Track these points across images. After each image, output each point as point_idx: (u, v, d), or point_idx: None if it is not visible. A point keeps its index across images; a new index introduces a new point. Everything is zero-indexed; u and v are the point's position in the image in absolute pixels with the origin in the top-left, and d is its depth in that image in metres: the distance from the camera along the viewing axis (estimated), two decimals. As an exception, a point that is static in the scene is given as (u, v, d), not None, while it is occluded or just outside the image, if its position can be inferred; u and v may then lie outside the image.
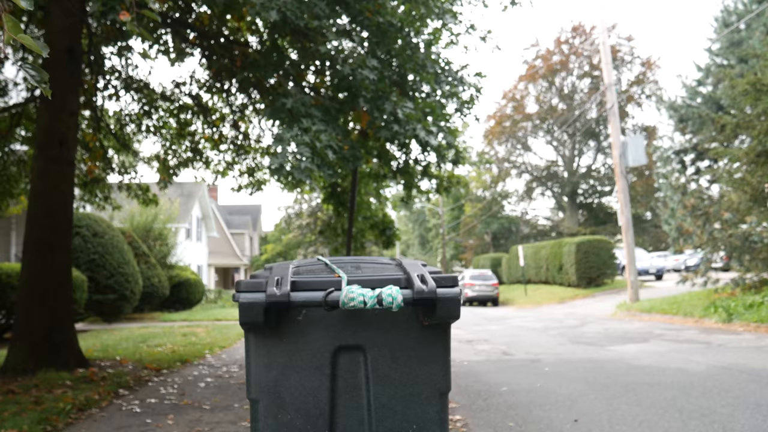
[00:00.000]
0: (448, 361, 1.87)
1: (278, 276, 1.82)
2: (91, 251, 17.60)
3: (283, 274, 1.84)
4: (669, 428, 5.34)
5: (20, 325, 8.33)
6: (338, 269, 1.91)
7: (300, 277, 1.85)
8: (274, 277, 1.82)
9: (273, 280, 1.79)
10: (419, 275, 1.81)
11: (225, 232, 46.21)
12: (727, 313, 14.48)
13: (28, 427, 5.21)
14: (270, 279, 1.80)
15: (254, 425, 1.82)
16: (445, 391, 1.86)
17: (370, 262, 2.06)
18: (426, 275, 1.81)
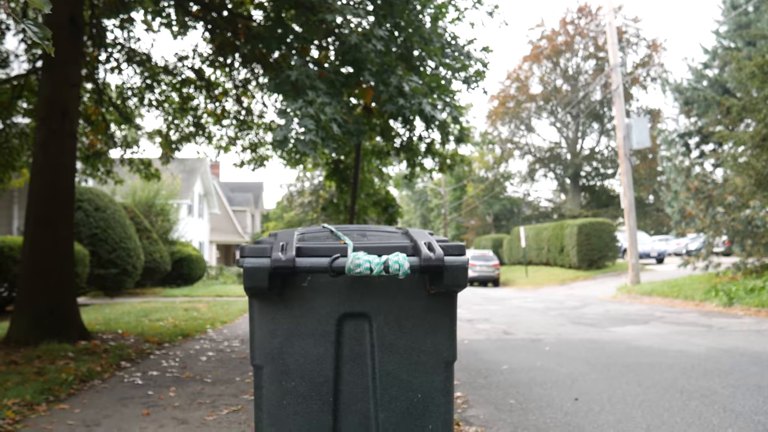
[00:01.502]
0: (454, 330, 1.85)
1: (283, 242, 1.79)
2: (93, 225, 17.59)
3: (288, 240, 1.81)
4: (670, 408, 5.34)
5: (22, 297, 8.34)
6: (344, 236, 1.89)
7: (305, 244, 1.83)
8: (278, 242, 1.79)
9: (278, 246, 1.77)
10: (426, 243, 1.79)
11: (227, 209, 46.22)
12: (728, 297, 14.49)
13: (31, 397, 5.22)
14: (275, 245, 1.77)
15: (258, 392, 1.81)
16: (451, 361, 1.84)
17: (376, 230, 2.03)
18: (433, 243, 1.79)
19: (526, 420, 5.14)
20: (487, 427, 4.95)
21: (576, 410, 5.39)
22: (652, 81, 46.84)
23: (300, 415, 1.79)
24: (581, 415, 5.23)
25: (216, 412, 5.10)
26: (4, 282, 13.11)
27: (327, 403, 1.80)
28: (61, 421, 4.80)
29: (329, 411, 1.80)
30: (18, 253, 11.89)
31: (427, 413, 1.82)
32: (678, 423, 4.87)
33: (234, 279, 31.63)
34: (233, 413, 5.07)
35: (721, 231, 16.96)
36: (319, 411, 1.80)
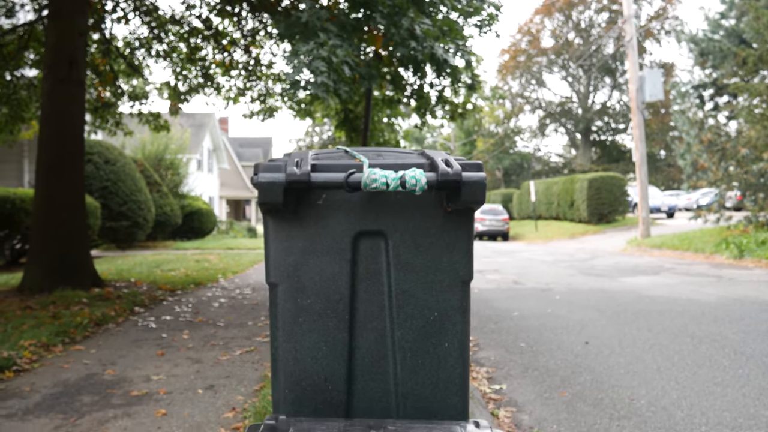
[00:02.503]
0: (471, 249, 1.83)
1: (298, 159, 1.77)
2: (103, 178, 17.63)
3: (302, 157, 1.79)
4: (680, 351, 5.37)
5: (35, 245, 8.40)
6: (359, 155, 1.86)
7: (320, 161, 1.80)
8: (293, 159, 1.77)
9: (293, 162, 1.74)
10: (443, 160, 1.76)
11: (236, 164, 46.20)
12: (738, 249, 14.44)
13: (47, 339, 5.29)
14: (289, 161, 1.75)
15: (273, 310, 1.80)
16: (467, 280, 1.82)
17: (391, 151, 2.00)
18: (450, 159, 1.76)
19: (536, 361, 5.17)
20: (498, 368, 4.99)
21: (586, 353, 5.42)
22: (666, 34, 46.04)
23: (316, 333, 1.79)
24: (591, 357, 5.26)
25: (229, 352, 5.16)
26: (17, 234, 13.19)
27: (343, 321, 1.79)
28: (77, 361, 4.87)
29: (345, 328, 1.79)
30: (30, 205, 11.93)
31: (443, 331, 1.81)
32: (688, 365, 4.89)
33: (244, 233, 31.78)
34: (246, 354, 5.13)
35: (734, 185, 16.81)
36: (335, 328, 1.79)
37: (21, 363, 4.63)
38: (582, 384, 4.45)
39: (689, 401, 3.97)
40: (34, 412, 3.63)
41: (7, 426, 3.40)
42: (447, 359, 1.81)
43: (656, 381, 4.46)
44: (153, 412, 3.63)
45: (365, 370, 1.81)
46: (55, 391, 4.05)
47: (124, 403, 3.79)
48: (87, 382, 4.28)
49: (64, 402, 3.82)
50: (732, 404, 3.89)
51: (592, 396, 4.16)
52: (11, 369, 4.48)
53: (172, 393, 4.01)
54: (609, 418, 3.72)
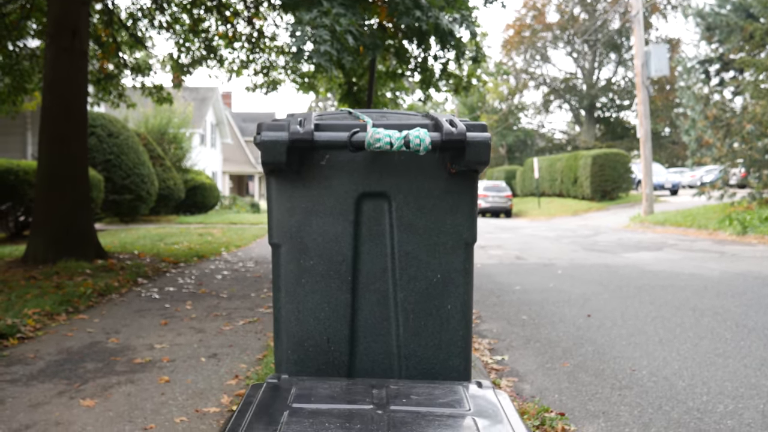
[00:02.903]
0: (474, 212, 1.82)
1: (301, 119, 1.75)
2: (106, 151, 17.61)
3: (306, 117, 1.77)
4: (682, 324, 5.37)
5: (39, 216, 8.40)
6: (363, 116, 1.84)
7: (324, 122, 1.78)
8: (297, 119, 1.75)
9: (296, 121, 1.73)
10: (448, 120, 1.74)
11: (239, 139, 46.08)
12: (742, 225, 14.41)
13: (51, 308, 5.32)
14: (293, 121, 1.73)
15: (276, 270, 1.80)
16: (471, 242, 1.82)
17: (395, 113, 1.98)
18: (455, 119, 1.74)
19: (539, 333, 5.19)
20: (500, 340, 5.01)
21: (588, 325, 5.43)
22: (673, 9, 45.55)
23: (318, 293, 1.79)
24: (593, 329, 5.28)
25: (232, 323, 5.18)
26: (21, 206, 13.20)
27: (346, 282, 1.79)
28: (81, 329, 4.89)
29: (348, 290, 1.79)
30: (33, 177, 11.92)
31: (446, 293, 1.81)
32: (690, 337, 4.90)
33: (247, 209, 31.80)
34: (249, 324, 5.15)
35: (738, 161, 16.73)
36: (338, 289, 1.79)
37: (25, 331, 4.65)
38: (584, 355, 4.47)
39: (691, 371, 3.98)
40: (38, 378, 3.65)
41: (11, 391, 3.43)
42: (449, 321, 1.81)
43: (658, 352, 4.47)
44: (156, 378, 3.65)
45: (367, 332, 1.81)
46: (59, 358, 4.07)
47: (127, 370, 3.81)
48: (91, 349, 4.31)
49: (68, 368, 3.84)
50: (733, 374, 3.90)
51: (594, 366, 4.17)
52: (15, 336, 4.51)
53: (176, 361, 4.03)
54: (610, 387, 3.74)
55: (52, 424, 2.96)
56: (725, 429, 3.07)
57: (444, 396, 1.55)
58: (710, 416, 3.24)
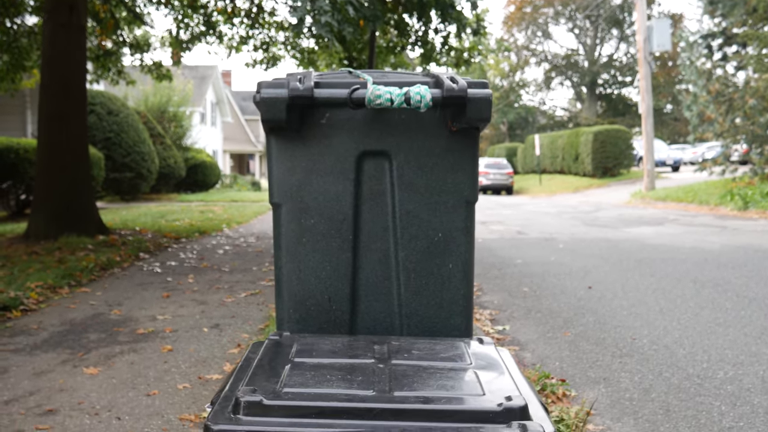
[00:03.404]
0: (476, 170, 1.81)
1: (301, 76, 1.74)
2: (106, 129, 17.56)
3: (306, 75, 1.76)
4: (683, 295, 5.39)
5: (39, 193, 8.40)
6: (363, 74, 1.83)
7: (324, 80, 1.77)
8: (296, 76, 1.74)
9: (296, 78, 1.72)
10: (449, 77, 1.73)
11: (239, 118, 45.94)
12: (743, 200, 14.39)
13: (53, 281, 5.33)
14: (292, 78, 1.72)
15: (277, 230, 1.80)
16: (472, 201, 1.81)
17: (396, 72, 1.97)
18: (456, 77, 1.73)
19: (540, 304, 5.20)
20: (501, 311, 5.03)
21: (589, 296, 5.45)
22: (676, -16, 45.12)
23: (320, 253, 1.79)
24: (594, 300, 5.29)
25: (234, 295, 5.20)
26: (22, 184, 13.19)
27: (347, 241, 1.79)
28: (83, 302, 4.91)
29: (349, 249, 1.79)
30: (33, 155, 11.90)
31: (447, 252, 1.81)
32: (691, 307, 4.92)
33: (248, 187, 31.78)
34: (251, 296, 5.17)
35: (740, 137, 16.67)
36: (339, 249, 1.79)
37: (28, 303, 4.67)
38: (585, 325, 4.48)
39: (691, 340, 4.00)
40: (41, 348, 3.67)
41: (15, 360, 3.45)
42: (451, 280, 1.81)
43: (658, 322, 4.49)
44: (159, 348, 3.67)
45: (369, 291, 1.81)
46: (62, 329, 4.09)
47: (130, 340, 3.83)
48: (93, 321, 4.32)
49: (71, 339, 3.86)
50: (734, 343, 3.92)
51: (595, 336, 4.19)
52: (18, 308, 4.53)
53: (178, 331, 4.05)
54: (611, 355, 3.75)
55: (56, 390, 2.98)
56: (725, 394, 3.09)
57: (445, 351, 1.56)
58: (710, 382, 3.26)
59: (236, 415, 1.24)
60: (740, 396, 3.06)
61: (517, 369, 1.55)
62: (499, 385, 1.37)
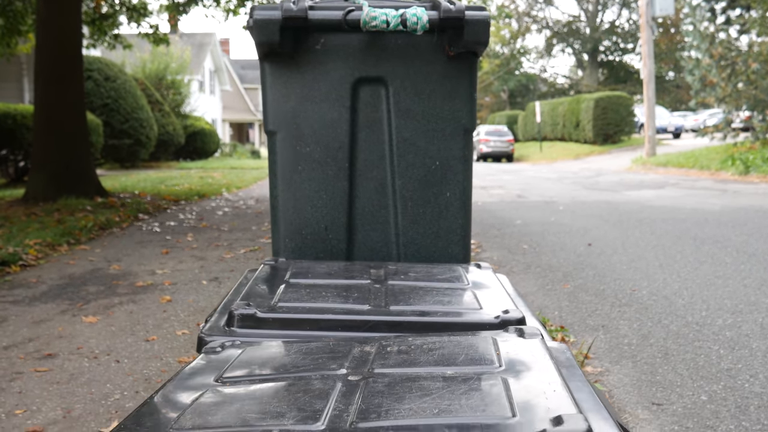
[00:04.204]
0: (473, 97, 1.78)
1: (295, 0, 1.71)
2: (104, 95, 17.44)
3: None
4: (682, 251, 5.38)
5: (37, 155, 8.37)
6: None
7: (319, 4, 1.73)
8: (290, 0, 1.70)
9: (289, 1, 1.68)
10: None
11: (238, 87, 45.61)
12: (744, 165, 14.33)
13: (52, 239, 5.32)
14: (286, 1, 1.69)
15: (272, 158, 1.77)
16: (470, 129, 1.79)
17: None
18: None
19: (539, 260, 5.20)
20: (500, 266, 5.02)
21: (589, 252, 5.44)
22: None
23: (315, 181, 1.77)
24: (594, 256, 5.29)
25: (233, 251, 5.19)
26: (20, 151, 13.12)
27: (343, 169, 1.77)
28: (82, 258, 4.91)
29: (345, 177, 1.77)
30: (31, 121, 11.81)
31: (444, 180, 1.79)
32: (690, 262, 4.91)
33: (248, 155, 31.67)
34: (250, 252, 5.16)
35: (742, 102, 16.53)
36: (335, 177, 1.77)
37: (27, 259, 4.67)
38: (584, 278, 4.48)
39: (690, 291, 4.00)
40: (40, 299, 3.67)
41: (14, 310, 3.45)
42: (448, 209, 1.79)
43: (658, 275, 4.48)
44: (158, 299, 3.67)
45: (366, 220, 1.79)
46: (61, 283, 4.09)
47: (129, 292, 3.83)
48: (92, 275, 4.32)
49: (70, 291, 3.86)
50: (733, 293, 3.92)
51: (594, 287, 4.19)
52: (17, 263, 4.52)
53: (177, 284, 4.05)
54: (610, 305, 3.75)
55: (55, 337, 2.99)
56: (724, 339, 3.09)
57: (442, 273, 1.55)
58: (709, 328, 3.26)
59: (230, 327, 1.23)
60: (738, 341, 3.06)
61: (514, 290, 1.53)
62: (496, 302, 1.35)
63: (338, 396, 0.87)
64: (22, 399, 2.30)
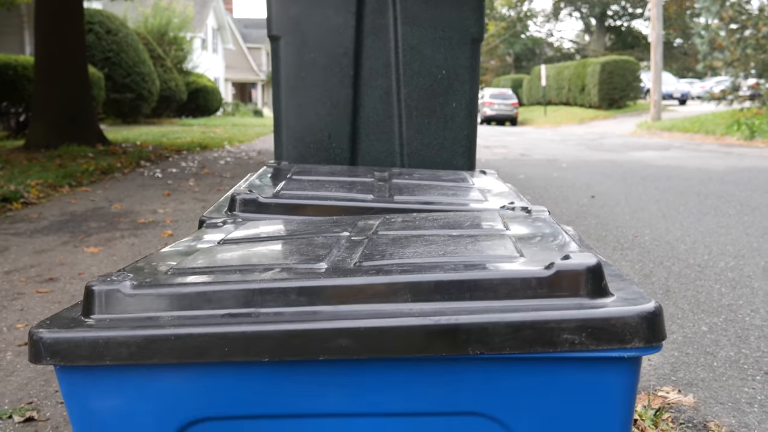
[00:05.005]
0: (482, 5, 1.74)
1: None
2: (105, 49, 17.25)
3: None
4: (686, 203, 5.36)
5: (39, 105, 8.30)
6: None
7: None
8: None
9: None
10: None
11: (241, 46, 45.13)
12: (750, 130, 14.23)
13: (54, 180, 5.31)
14: None
15: (275, 64, 1.74)
16: (478, 38, 1.75)
17: None
18: None
19: (542, 209, 5.18)
20: (502, 214, 5.01)
21: (592, 204, 5.42)
22: None
23: (319, 88, 1.74)
24: (597, 207, 5.27)
25: (235, 195, 5.18)
26: (21, 103, 13.02)
27: (347, 77, 1.74)
28: (84, 198, 4.90)
29: (349, 84, 1.74)
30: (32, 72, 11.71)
31: (451, 91, 1.76)
32: (693, 213, 4.90)
33: (251, 115, 31.50)
34: (252, 196, 5.15)
35: (750, 66, 16.34)
36: (339, 84, 1.74)
37: (28, 197, 4.66)
38: (586, 225, 4.47)
39: (692, 238, 3.99)
40: (42, 232, 3.67)
41: (15, 241, 3.45)
42: (454, 119, 1.77)
43: (660, 224, 4.47)
44: (159, 233, 3.66)
45: (370, 130, 1.77)
46: (63, 219, 4.08)
47: (131, 227, 3.83)
48: (94, 213, 4.32)
49: (71, 226, 3.86)
50: (735, 241, 3.90)
51: (597, 234, 4.18)
52: (19, 201, 4.51)
53: (178, 221, 4.04)
54: (612, 249, 3.75)
55: (57, 264, 2.99)
56: (725, 279, 3.09)
57: (447, 176, 1.53)
58: (711, 270, 3.26)
59: (232, 211, 1.21)
60: (740, 281, 3.06)
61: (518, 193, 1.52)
62: (500, 196, 1.34)
63: (342, 249, 0.86)
64: (24, 315, 2.30)
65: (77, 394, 0.72)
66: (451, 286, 0.69)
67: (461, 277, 0.69)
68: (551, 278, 0.68)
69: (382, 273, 0.72)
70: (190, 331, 0.68)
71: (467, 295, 0.68)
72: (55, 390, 1.79)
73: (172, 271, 0.80)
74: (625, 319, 0.65)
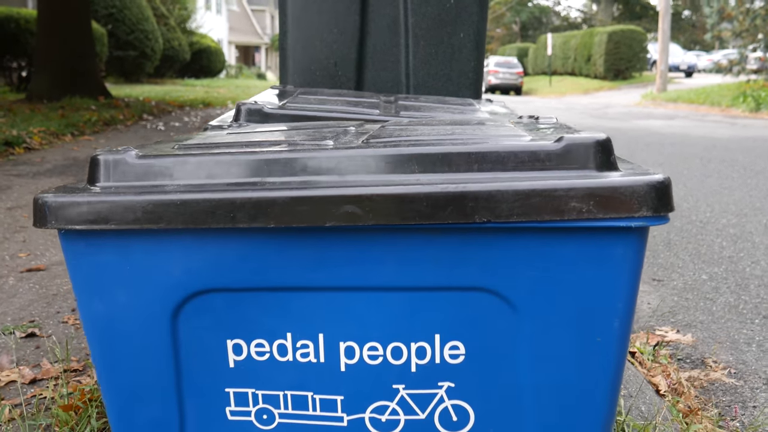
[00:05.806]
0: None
1: None
2: (108, 4, 17.07)
3: None
4: (689, 167, 5.35)
5: (41, 55, 8.24)
6: None
7: None
8: None
9: None
10: None
11: (245, 8, 44.67)
12: (756, 102, 14.13)
13: (56, 129, 5.29)
14: None
15: (283, -10, 1.72)
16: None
17: None
18: None
19: (545, 169, 5.17)
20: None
21: (595, 164, 5.41)
22: None
23: (326, 15, 1.72)
24: (600, 167, 5.26)
25: (237, 147, 5.16)
26: (24, 56, 12.91)
27: (354, 3, 1.71)
28: (86, 147, 4.89)
29: (356, 11, 1.72)
30: (35, 26, 11.59)
31: (459, 21, 1.73)
32: (697, 176, 4.89)
33: (254, 78, 31.29)
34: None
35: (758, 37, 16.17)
36: (346, 11, 1.72)
37: (31, 143, 4.65)
38: (589, 184, 4.46)
39: (695, 197, 3.98)
40: (44, 174, 3.67)
41: (18, 182, 3.45)
42: (461, 50, 1.75)
43: (663, 184, 4.46)
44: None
45: (376, 59, 1.75)
46: (65, 163, 4.08)
47: (133, 173, 3.82)
48: (96, 159, 4.31)
49: (74, 169, 3.86)
50: (738, 201, 3.90)
51: (599, 191, 4.17)
52: (21, 146, 4.50)
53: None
54: (614, 205, 3.74)
55: (59, 202, 2.99)
56: (727, 234, 3.09)
57: (453, 101, 1.52)
58: (713, 226, 3.26)
59: (237, 121, 1.21)
60: (742, 236, 3.06)
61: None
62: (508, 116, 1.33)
63: (350, 134, 0.85)
64: (26, 246, 2.31)
65: (81, 261, 0.72)
66: (458, 157, 0.69)
67: (469, 149, 0.69)
68: (560, 151, 0.68)
69: (389, 146, 0.71)
70: (196, 197, 0.68)
71: (475, 167, 0.68)
72: (57, 311, 1.80)
73: (177, 147, 0.80)
74: (634, 188, 0.65)
